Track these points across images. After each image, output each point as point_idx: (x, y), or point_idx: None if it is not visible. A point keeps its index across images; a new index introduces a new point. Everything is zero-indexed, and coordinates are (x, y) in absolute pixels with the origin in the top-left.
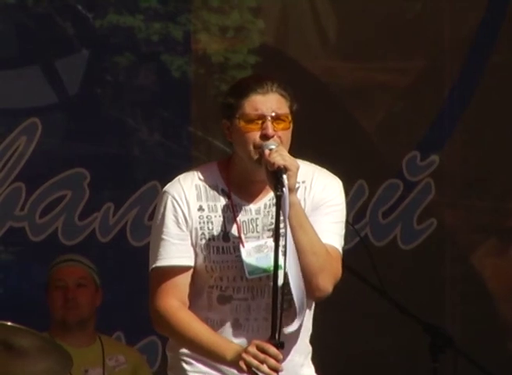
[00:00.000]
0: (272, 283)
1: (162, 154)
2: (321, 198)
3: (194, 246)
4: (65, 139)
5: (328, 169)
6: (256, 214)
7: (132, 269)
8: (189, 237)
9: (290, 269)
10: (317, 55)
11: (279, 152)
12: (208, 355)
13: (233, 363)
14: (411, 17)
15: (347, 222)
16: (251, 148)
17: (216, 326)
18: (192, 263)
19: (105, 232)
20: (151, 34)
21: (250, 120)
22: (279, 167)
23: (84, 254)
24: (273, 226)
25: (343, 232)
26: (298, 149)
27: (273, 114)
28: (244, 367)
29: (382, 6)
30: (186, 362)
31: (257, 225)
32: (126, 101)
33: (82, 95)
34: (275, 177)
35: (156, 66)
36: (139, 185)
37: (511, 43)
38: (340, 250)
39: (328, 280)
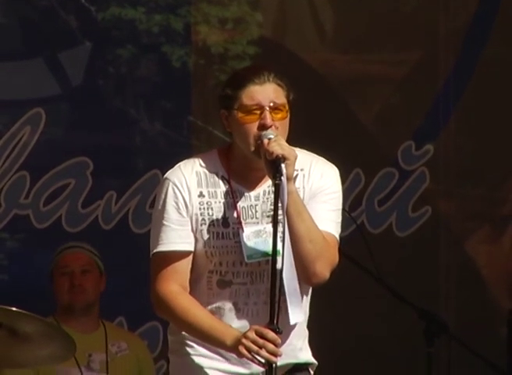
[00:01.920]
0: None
1: (163, 143)
2: (319, 186)
3: (194, 232)
4: (68, 129)
5: (325, 158)
6: (255, 200)
7: (134, 256)
8: (189, 223)
9: (285, 256)
10: (314, 47)
11: (277, 142)
12: (207, 339)
13: (233, 348)
14: (407, 10)
15: (344, 209)
16: (250, 138)
17: (216, 310)
18: (192, 249)
19: (108, 219)
20: (152, 26)
21: (248, 111)
22: (277, 156)
23: (87, 241)
24: (272, 212)
25: (339, 219)
26: (296, 139)
27: (271, 104)
28: (244, 352)
29: (378, 0)
30: (188, 346)
31: (256, 211)
32: (127, 91)
33: (85, 86)
34: (274, 166)
35: (157, 57)
36: (140, 174)
37: (504, 35)
38: (337, 237)
39: (325, 266)
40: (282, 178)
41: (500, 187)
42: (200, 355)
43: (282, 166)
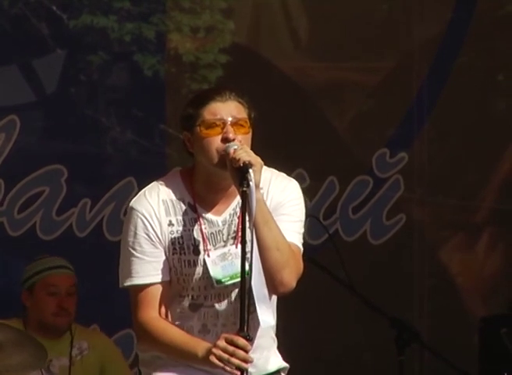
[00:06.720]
0: (238, 289)
1: (136, 151)
2: (281, 200)
3: (167, 261)
4: (42, 136)
5: (300, 165)
6: (222, 225)
7: (108, 263)
8: (163, 254)
9: (254, 263)
10: (288, 55)
11: (243, 149)
12: (181, 356)
13: (205, 359)
14: (381, 18)
15: (317, 218)
16: (213, 151)
17: (185, 331)
18: (168, 277)
19: (82, 227)
20: (124, 34)
21: (210, 125)
22: (244, 163)
23: (62, 248)
24: (235, 234)
25: (302, 230)
26: (270, 147)
27: (233, 119)
28: (215, 361)
29: (352, 7)
30: (159, 357)
31: (223, 235)
32: (100, 100)
33: (59, 94)
34: (241, 174)
35: (129, 66)
36: (115, 181)
37: (478, 43)
38: (301, 247)
39: (291, 275)
40: (251, 183)
41: (474, 195)
42: (171, 365)
43: (250, 171)
